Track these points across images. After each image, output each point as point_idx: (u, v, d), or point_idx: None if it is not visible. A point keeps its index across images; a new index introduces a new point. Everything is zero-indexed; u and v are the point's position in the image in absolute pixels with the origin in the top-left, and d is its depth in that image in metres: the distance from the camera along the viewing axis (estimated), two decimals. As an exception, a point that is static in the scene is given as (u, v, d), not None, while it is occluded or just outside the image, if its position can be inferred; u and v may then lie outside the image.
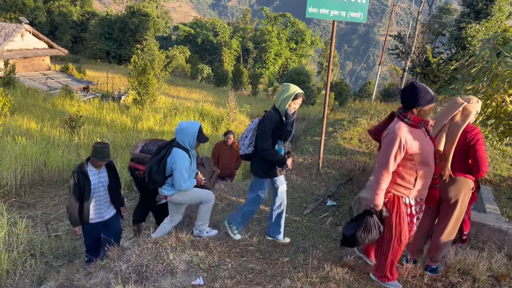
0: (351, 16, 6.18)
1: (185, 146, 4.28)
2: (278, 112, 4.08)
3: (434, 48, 29.59)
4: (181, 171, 4.18)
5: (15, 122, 13.04)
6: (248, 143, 4.28)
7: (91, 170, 4.68)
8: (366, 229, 3.35)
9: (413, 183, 3.23)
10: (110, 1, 72.28)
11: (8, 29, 26.13)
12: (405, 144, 3.07)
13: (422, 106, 3.07)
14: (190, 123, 4.34)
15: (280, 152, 4.09)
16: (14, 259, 4.98)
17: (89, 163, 4.68)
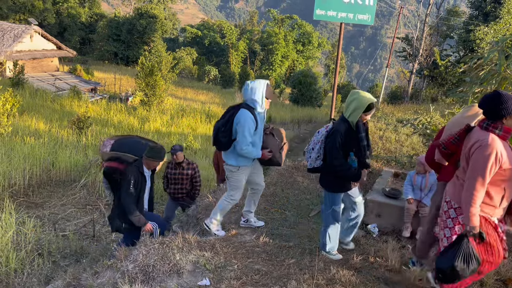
0: (359, 18, 6.18)
1: (253, 106, 4.07)
2: (348, 122, 3.69)
3: (442, 50, 29.44)
4: (243, 131, 3.97)
5: (24, 123, 13.17)
6: (316, 156, 3.93)
7: (145, 171, 4.69)
8: (465, 258, 2.89)
9: (499, 201, 2.94)
10: (118, 3, 72.80)
11: (18, 30, 26.40)
12: (501, 157, 2.79)
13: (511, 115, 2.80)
14: (257, 80, 4.16)
15: (353, 166, 3.75)
16: (22, 258, 5.02)
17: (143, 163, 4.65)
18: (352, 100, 3.61)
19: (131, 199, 4.51)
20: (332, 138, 3.70)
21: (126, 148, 4.83)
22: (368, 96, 3.57)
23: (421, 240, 3.87)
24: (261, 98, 4.07)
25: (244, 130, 3.97)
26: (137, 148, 4.86)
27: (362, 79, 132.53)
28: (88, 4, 53.81)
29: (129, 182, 4.48)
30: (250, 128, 4.00)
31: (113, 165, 4.74)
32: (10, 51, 24.63)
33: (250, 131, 3.99)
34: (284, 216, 5.58)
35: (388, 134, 11.62)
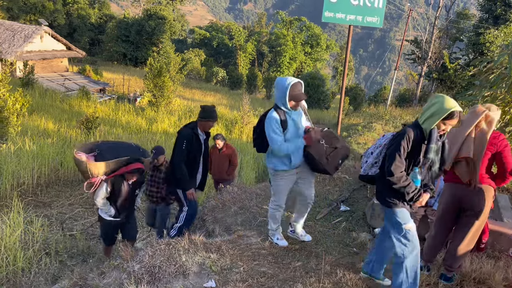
0: (368, 21, 6.16)
1: (277, 105, 3.89)
2: (421, 128, 3.11)
3: (451, 53, 29.24)
4: (268, 132, 3.84)
5: (33, 122, 13.29)
6: (373, 161, 3.42)
7: (200, 134, 4.62)
8: None
9: None
10: (128, 4, 73.25)
11: (28, 31, 26.66)
12: None
13: None
14: (284, 77, 3.89)
15: (415, 184, 3.13)
16: (30, 257, 5.06)
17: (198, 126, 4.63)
18: (433, 103, 3.06)
19: (181, 157, 4.55)
20: (396, 142, 3.13)
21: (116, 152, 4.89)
22: (452, 103, 3.01)
23: (428, 244, 3.83)
24: (282, 97, 3.85)
25: (268, 131, 3.85)
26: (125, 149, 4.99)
27: (370, 81, 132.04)
28: (97, 5, 54.22)
29: (181, 141, 4.52)
30: (274, 128, 3.81)
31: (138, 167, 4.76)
32: (20, 51, 24.88)
33: (274, 131, 3.82)
34: (290, 219, 5.56)
35: (396, 137, 11.55)
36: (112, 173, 4.72)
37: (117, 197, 4.82)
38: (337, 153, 3.94)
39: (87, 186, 4.71)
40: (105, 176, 4.68)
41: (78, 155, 4.65)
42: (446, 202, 3.67)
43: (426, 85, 31.15)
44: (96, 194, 4.70)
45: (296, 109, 3.92)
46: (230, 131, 17.71)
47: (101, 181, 4.66)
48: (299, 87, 3.83)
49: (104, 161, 4.67)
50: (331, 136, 4.00)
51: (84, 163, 4.59)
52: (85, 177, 4.70)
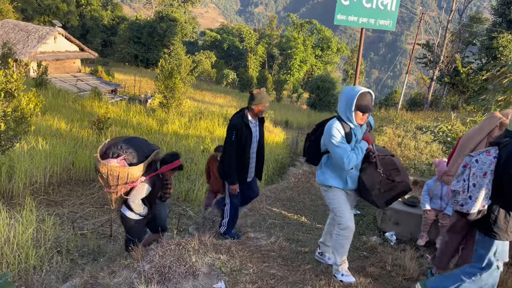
0: (380, 24, 6.14)
1: (342, 118, 3.44)
2: None
3: (464, 57, 28.97)
4: (328, 142, 3.39)
5: (46, 122, 13.45)
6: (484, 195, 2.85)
7: (252, 121, 4.38)
8: None
9: None
10: (140, 6, 73.90)
11: (42, 32, 27.03)
12: None
13: None
14: (353, 86, 3.50)
15: None
16: (41, 255, 5.10)
17: (248, 113, 4.37)
18: None
19: (231, 148, 4.39)
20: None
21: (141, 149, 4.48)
22: None
23: (441, 251, 3.79)
24: (347, 107, 3.38)
25: (329, 140, 3.39)
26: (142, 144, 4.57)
27: (381, 85, 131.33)
28: (110, 7, 54.82)
29: (230, 132, 4.36)
30: (338, 137, 3.36)
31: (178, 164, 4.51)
32: (34, 52, 25.23)
33: (338, 140, 3.36)
34: (300, 221, 5.55)
35: (407, 141, 11.48)
36: (152, 172, 4.40)
37: (152, 196, 4.54)
38: (394, 187, 3.47)
39: (126, 192, 4.31)
40: (144, 177, 4.35)
41: (112, 163, 4.17)
42: None
43: (437, 89, 30.89)
44: (135, 197, 4.36)
45: (362, 124, 3.46)
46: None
47: (141, 183, 4.34)
48: (369, 97, 3.38)
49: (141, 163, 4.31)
50: (391, 166, 3.52)
51: (125, 169, 4.18)
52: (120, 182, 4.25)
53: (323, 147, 3.56)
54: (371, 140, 3.56)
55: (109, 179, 4.20)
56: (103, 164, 4.14)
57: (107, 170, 4.13)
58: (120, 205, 4.53)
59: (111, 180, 4.23)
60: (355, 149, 3.41)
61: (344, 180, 3.56)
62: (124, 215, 4.56)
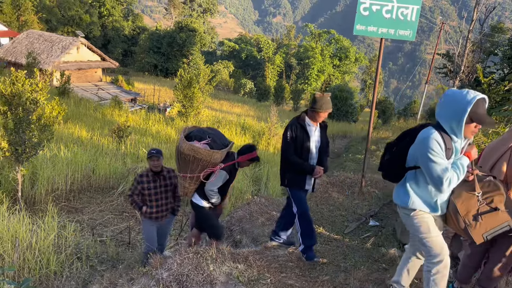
0: (400, 34, 6.10)
1: (445, 129, 2.77)
2: None
3: (485, 67, 28.48)
4: (423, 154, 2.76)
5: (68, 130, 13.73)
6: None
7: (309, 124, 4.15)
8: None
9: None
10: (160, 17, 75.12)
11: (65, 42, 27.71)
12: None
13: None
14: (462, 90, 2.83)
15: None
16: (62, 261, 5.19)
17: (307, 116, 4.17)
18: None
19: (288, 150, 4.15)
20: None
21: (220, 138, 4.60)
22: None
23: (463, 264, 3.71)
24: (457, 116, 2.72)
25: (426, 154, 2.75)
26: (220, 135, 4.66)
27: (400, 95, 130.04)
28: (131, 17, 55.94)
29: (285, 133, 4.15)
30: (436, 151, 2.71)
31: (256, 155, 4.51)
32: (58, 61, 25.86)
33: (437, 154, 2.71)
34: (318, 232, 5.51)
35: (426, 152, 11.30)
36: (230, 160, 4.48)
37: (226, 186, 4.58)
38: (495, 217, 2.84)
39: (204, 175, 4.40)
40: (222, 164, 4.41)
41: (198, 145, 4.31)
42: None
43: (458, 99, 30.40)
44: (213, 183, 4.41)
45: (470, 137, 2.85)
46: (257, 142, 17.76)
47: (220, 169, 4.41)
48: (485, 105, 2.71)
49: (222, 149, 4.45)
50: (493, 192, 2.88)
51: (208, 152, 4.29)
52: (201, 166, 4.34)
53: (412, 162, 2.92)
54: (472, 155, 2.89)
55: (192, 161, 4.31)
56: (189, 145, 4.27)
57: (192, 152, 4.26)
58: (192, 192, 4.61)
59: (193, 162, 4.33)
60: (456, 167, 2.80)
61: (434, 204, 2.94)
62: (196, 204, 4.63)
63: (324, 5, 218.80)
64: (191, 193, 4.62)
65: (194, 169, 4.37)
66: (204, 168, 4.36)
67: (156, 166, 4.80)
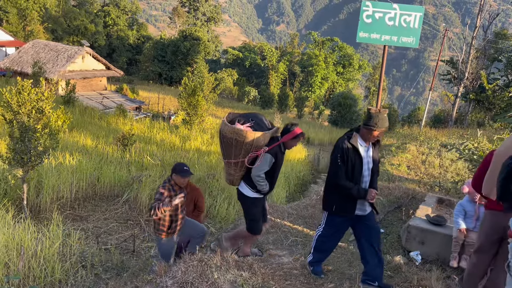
0: (403, 41, 6.13)
1: None
2: None
3: (489, 74, 28.45)
4: None
5: (73, 138, 13.80)
6: None
7: (361, 144, 3.75)
8: None
9: None
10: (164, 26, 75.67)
11: (71, 51, 27.96)
12: None
13: None
14: None
15: None
16: (67, 269, 5.19)
17: (358, 134, 3.76)
18: None
19: (337, 173, 3.77)
20: None
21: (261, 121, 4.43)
22: None
23: (469, 272, 3.69)
24: None
25: None
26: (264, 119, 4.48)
27: (404, 102, 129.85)
28: (136, 27, 56.45)
29: (335, 155, 3.79)
30: None
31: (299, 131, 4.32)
32: (63, 70, 26.08)
33: None
34: (322, 239, 5.49)
35: (431, 159, 11.27)
36: (275, 141, 4.30)
37: (274, 171, 4.35)
38: None
39: (249, 160, 4.25)
40: (267, 147, 4.24)
41: (239, 127, 4.20)
42: (488, 230, 3.53)
43: (462, 106, 30.35)
44: (259, 168, 4.20)
45: None
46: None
47: (264, 152, 4.21)
48: None
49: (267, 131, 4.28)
50: None
51: (250, 133, 4.14)
52: (244, 150, 4.20)
53: None
54: None
55: (234, 145, 4.20)
56: (231, 127, 4.18)
57: (234, 134, 4.14)
58: (238, 180, 4.48)
59: (236, 146, 4.21)
60: None
61: None
62: (242, 193, 4.46)
63: (327, 13, 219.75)
64: (238, 181, 4.47)
65: (237, 153, 4.24)
66: (248, 152, 4.21)
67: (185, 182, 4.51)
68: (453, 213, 4.70)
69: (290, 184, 11.15)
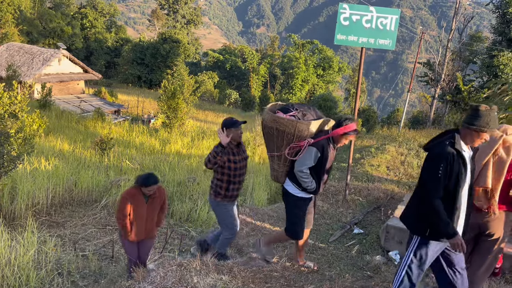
0: (380, 43, 6.20)
1: None
2: None
3: (465, 76, 29.13)
4: None
5: (49, 143, 13.52)
6: None
7: (464, 149, 3.00)
8: None
9: None
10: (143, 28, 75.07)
11: (47, 54, 27.43)
12: None
13: None
14: None
15: None
16: (42, 277, 5.06)
17: (460, 138, 3.00)
18: None
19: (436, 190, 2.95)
20: None
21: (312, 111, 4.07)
22: None
23: None
24: None
25: None
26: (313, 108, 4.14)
27: (383, 103, 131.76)
28: (114, 29, 55.74)
29: (436, 164, 2.95)
30: None
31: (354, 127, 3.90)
32: (38, 74, 25.55)
33: None
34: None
35: (410, 159, 11.44)
36: (324, 134, 3.88)
37: (321, 167, 3.88)
38: None
39: (290, 152, 3.87)
40: (312, 139, 3.82)
41: (280, 115, 3.88)
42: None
43: (439, 107, 30.97)
44: (301, 162, 3.81)
45: None
46: (242, 153, 17.74)
47: (308, 145, 3.81)
48: None
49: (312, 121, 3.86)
50: None
51: (291, 122, 3.78)
52: (286, 141, 3.85)
53: None
54: None
55: (276, 136, 3.89)
56: (271, 115, 3.89)
57: (274, 123, 3.84)
58: (283, 177, 4.10)
59: (278, 137, 3.88)
60: None
61: None
62: (286, 190, 4.09)
63: (307, 16, 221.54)
64: (283, 177, 4.10)
65: (280, 145, 3.91)
66: (290, 144, 3.86)
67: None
68: None
69: (272, 186, 11.14)
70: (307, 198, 4.03)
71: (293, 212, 4.08)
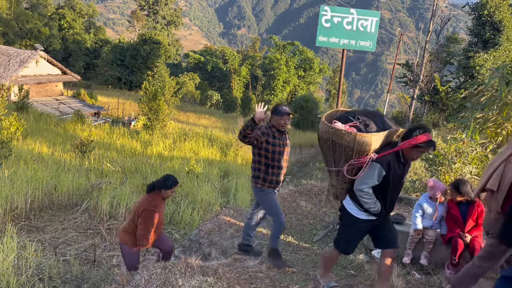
0: (360, 45, 6.30)
1: None
2: None
3: (443, 76, 29.75)
4: None
5: (27, 146, 13.23)
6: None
7: None
8: None
9: None
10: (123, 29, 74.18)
11: (24, 55, 26.85)
12: None
13: None
14: None
15: None
16: (23, 283, 4.96)
17: None
18: None
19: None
20: None
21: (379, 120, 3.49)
22: None
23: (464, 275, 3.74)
24: None
25: None
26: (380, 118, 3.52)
27: (363, 104, 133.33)
28: (93, 30, 54.92)
29: None
30: None
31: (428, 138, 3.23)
32: (15, 75, 24.98)
33: None
34: (287, 241, 5.53)
35: (390, 159, 11.62)
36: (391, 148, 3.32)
37: (387, 186, 3.34)
38: None
39: (349, 170, 3.36)
40: (376, 154, 3.28)
41: (338, 126, 3.36)
42: None
43: (418, 107, 31.55)
44: (362, 180, 3.31)
45: None
46: (225, 154, 17.72)
47: (371, 161, 3.28)
48: None
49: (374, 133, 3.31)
50: None
51: (349, 133, 3.26)
52: (345, 156, 3.36)
53: None
54: None
55: (332, 149, 3.38)
56: (327, 126, 3.38)
57: (330, 134, 3.33)
58: (343, 194, 3.60)
59: (335, 150, 3.38)
60: None
61: None
62: (345, 209, 3.58)
63: (288, 18, 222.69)
64: (343, 195, 3.59)
65: (338, 159, 3.40)
66: (350, 159, 3.34)
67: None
68: (412, 212, 4.86)
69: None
70: (369, 220, 3.47)
71: (349, 231, 3.61)
